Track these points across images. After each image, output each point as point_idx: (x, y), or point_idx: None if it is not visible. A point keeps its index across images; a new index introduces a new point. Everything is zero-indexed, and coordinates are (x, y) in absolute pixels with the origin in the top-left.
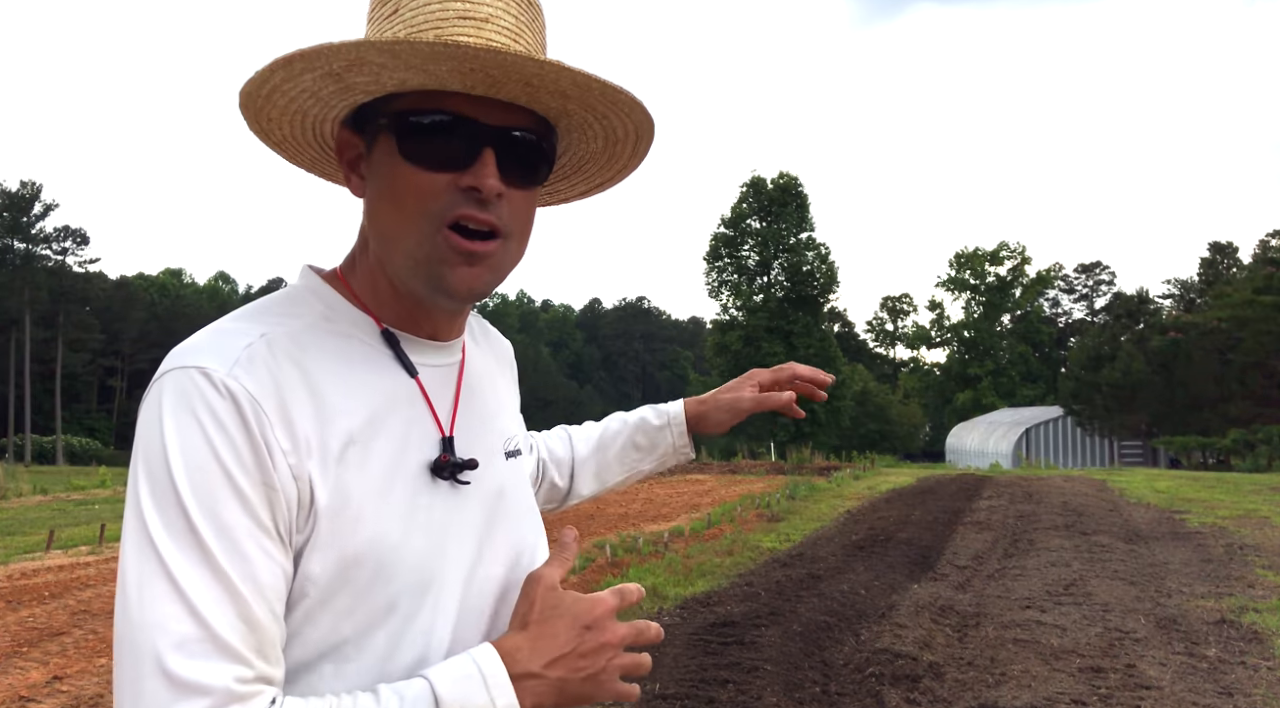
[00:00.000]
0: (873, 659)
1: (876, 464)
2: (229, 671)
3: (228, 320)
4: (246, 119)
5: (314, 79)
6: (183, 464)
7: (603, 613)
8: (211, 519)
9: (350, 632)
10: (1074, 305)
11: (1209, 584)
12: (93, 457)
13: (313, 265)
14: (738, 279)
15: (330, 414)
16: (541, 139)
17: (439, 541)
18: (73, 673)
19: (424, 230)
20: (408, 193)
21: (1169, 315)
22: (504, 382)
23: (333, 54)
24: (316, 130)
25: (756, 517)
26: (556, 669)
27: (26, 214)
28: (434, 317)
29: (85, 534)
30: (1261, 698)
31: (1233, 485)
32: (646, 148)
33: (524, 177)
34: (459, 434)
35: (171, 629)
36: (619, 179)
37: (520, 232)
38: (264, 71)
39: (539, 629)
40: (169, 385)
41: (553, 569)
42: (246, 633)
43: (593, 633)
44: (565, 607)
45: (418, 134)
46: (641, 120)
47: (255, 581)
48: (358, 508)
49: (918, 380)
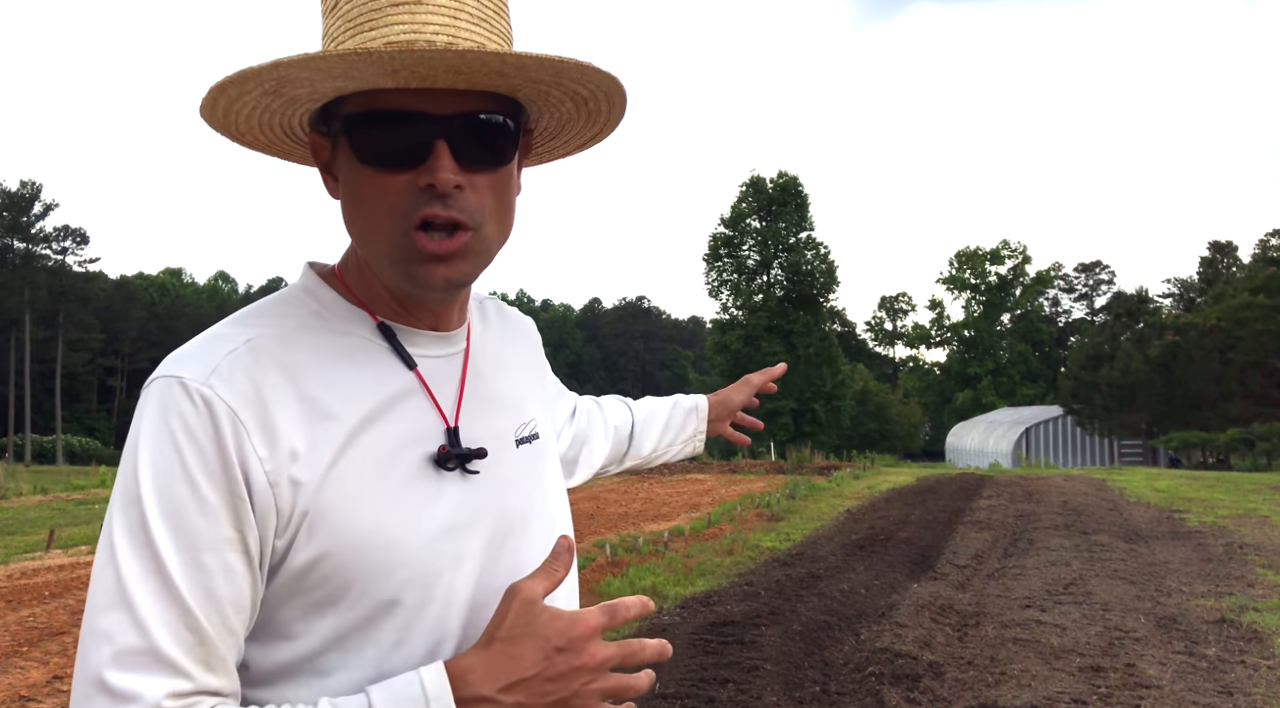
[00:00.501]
0: (873, 659)
1: (876, 464)
2: (164, 684)
3: (221, 325)
4: (221, 134)
5: (255, 98)
6: (150, 475)
7: (581, 634)
8: (171, 530)
9: (354, 624)
10: (1074, 305)
11: (1209, 584)
12: (93, 456)
13: (313, 262)
14: (737, 279)
15: (321, 414)
16: (497, 118)
17: (448, 532)
18: (72, 673)
19: (393, 233)
20: (370, 196)
21: (1169, 315)
22: (522, 364)
23: (255, 76)
24: (289, 133)
25: (756, 516)
26: (516, 694)
27: (26, 214)
28: (430, 307)
29: (85, 534)
30: (1261, 697)
31: (1233, 485)
32: (621, 101)
33: (486, 159)
34: (465, 424)
35: (116, 639)
36: (608, 132)
37: (495, 214)
38: (207, 98)
39: (503, 648)
40: (151, 395)
41: (535, 582)
42: (194, 645)
43: (565, 655)
44: (539, 625)
45: (369, 134)
46: (600, 79)
47: (210, 593)
48: (354, 505)
49: (918, 380)
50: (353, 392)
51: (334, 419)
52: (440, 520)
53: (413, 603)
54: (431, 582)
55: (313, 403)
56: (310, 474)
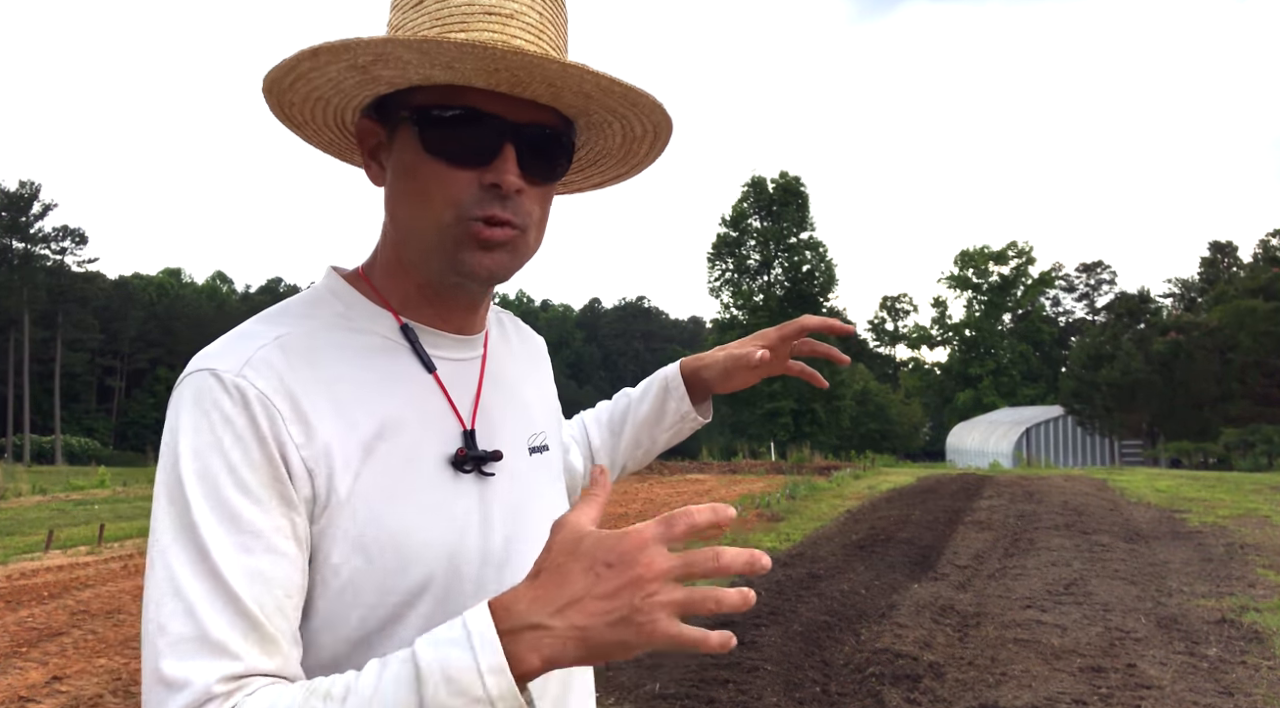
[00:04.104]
0: (873, 659)
1: (877, 464)
2: (215, 668)
3: (248, 324)
4: (269, 103)
5: (339, 70)
6: (191, 464)
7: (631, 546)
8: (218, 517)
9: (377, 624)
10: (1075, 305)
11: (1209, 584)
12: (92, 457)
13: (336, 266)
14: (738, 278)
15: (345, 412)
16: (562, 135)
17: (464, 534)
18: (72, 673)
19: (447, 221)
20: (431, 186)
21: (1170, 315)
22: (534, 379)
23: (360, 48)
24: (337, 117)
25: (756, 517)
26: (568, 616)
27: (25, 214)
28: (455, 310)
29: (84, 534)
30: (1262, 697)
31: (1233, 485)
32: (663, 146)
33: (543, 172)
34: (481, 427)
35: (170, 629)
36: (633, 174)
37: (537, 225)
38: (290, 60)
39: (548, 577)
40: (185, 389)
41: (581, 511)
42: (246, 629)
43: (615, 570)
44: (584, 548)
45: (441, 128)
46: (660, 121)
47: (260, 576)
48: (377, 504)
49: (918, 380)
50: (374, 392)
51: (357, 418)
52: (458, 521)
53: (432, 602)
54: (450, 580)
55: (338, 401)
56: (340, 468)
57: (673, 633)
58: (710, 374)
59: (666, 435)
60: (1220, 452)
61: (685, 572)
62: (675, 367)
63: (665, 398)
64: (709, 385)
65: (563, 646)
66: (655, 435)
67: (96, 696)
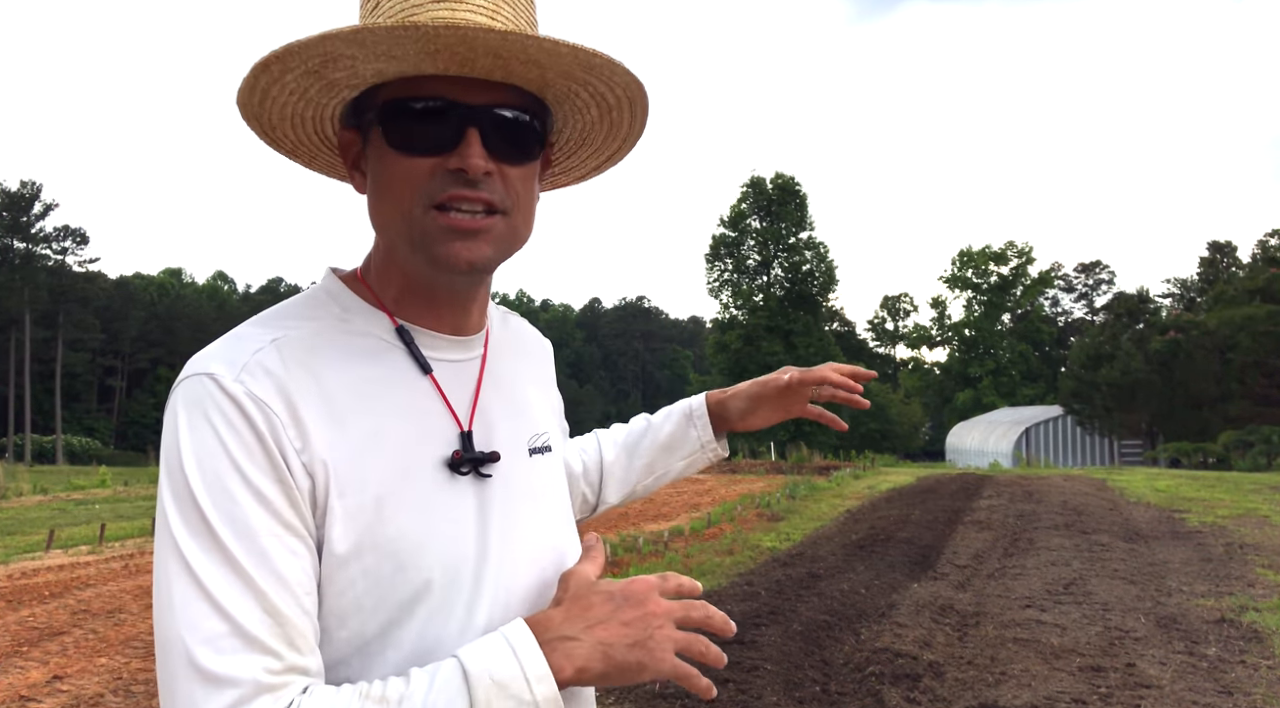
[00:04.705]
0: (873, 659)
1: (876, 463)
2: (257, 662)
3: (245, 326)
4: (252, 128)
5: (296, 79)
6: (197, 467)
7: (641, 588)
8: (229, 519)
9: (376, 628)
10: (1074, 305)
11: (1209, 583)
12: (92, 456)
13: (334, 268)
14: (738, 278)
15: (342, 415)
16: (530, 115)
17: (462, 536)
18: (73, 673)
19: (414, 213)
20: (396, 179)
21: (1169, 315)
22: (536, 380)
23: (303, 50)
24: (319, 133)
25: (756, 516)
26: (596, 633)
27: (26, 214)
28: (447, 308)
29: (85, 534)
30: (1261, 697)
31: (1233, 485)
32: (644, 112)
33: (514, 153)
34: (479, 429)
35: (200, 627)
36: (626, 149)
37: (520, 207)
38: (249, 77)
39: (572, 603)
40: (182, 393)
41: (586, 566)
42: (273, 626)
43: (631, 603)
44: (601, 586)
45: (401, 120)
46: (628, 82)
47: (278, 575)
48: (374, 506)
49: (918, 380)
50: (371, 394)
51: (353, 422)
52: (456, 523)
53: (433, 607)
54: (449, 583)
55: (334, 404)
56: (336, 471)
57: (678, 669)
58: (736, 403)
59: (681, 464)
60: (1219, 452)
61: (682, 616)
62: (701, 396)
63: (688, 425)
64: (732, 419)
65: (590, 657)
66: (670, 462)
67: (97, 695)
